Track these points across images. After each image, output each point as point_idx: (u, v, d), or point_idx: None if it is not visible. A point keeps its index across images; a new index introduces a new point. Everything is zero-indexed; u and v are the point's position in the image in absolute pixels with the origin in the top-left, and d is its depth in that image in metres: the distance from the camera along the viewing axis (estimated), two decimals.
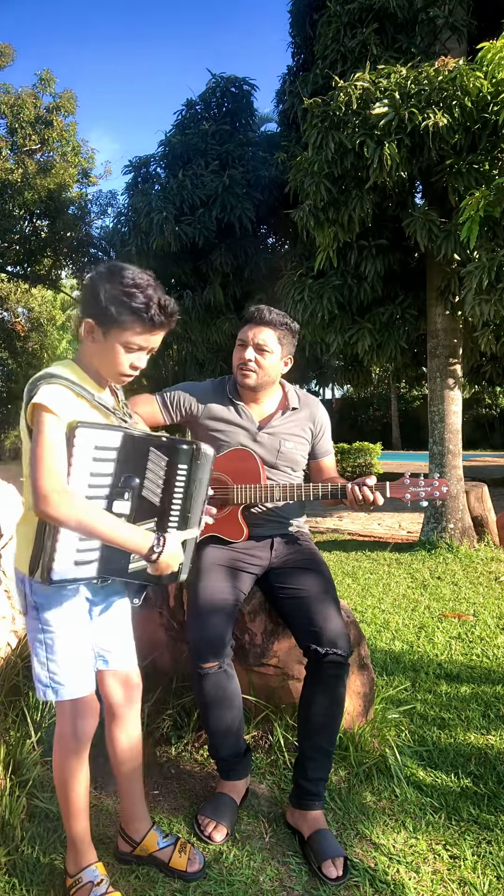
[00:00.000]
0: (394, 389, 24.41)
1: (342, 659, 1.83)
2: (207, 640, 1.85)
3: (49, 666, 1.51)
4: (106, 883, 1.55)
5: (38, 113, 14.01)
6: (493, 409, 23.92)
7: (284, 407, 2.16)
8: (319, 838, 1.75)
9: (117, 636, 1.67)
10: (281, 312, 2.11)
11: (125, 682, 1.66)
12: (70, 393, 1.46)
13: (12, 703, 2.18)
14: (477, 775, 2.16)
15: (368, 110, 4.96)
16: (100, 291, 1.45)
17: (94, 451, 1.45)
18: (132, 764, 1.69)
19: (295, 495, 2.01)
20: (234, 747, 1.93)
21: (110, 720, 1.67)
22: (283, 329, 2.08)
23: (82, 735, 1.54)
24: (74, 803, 1.56)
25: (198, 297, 8.74)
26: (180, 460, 1.50)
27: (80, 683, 1.53)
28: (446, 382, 6.40)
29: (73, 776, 1.55)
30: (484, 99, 4.80)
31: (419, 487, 1.98)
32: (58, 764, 1.56)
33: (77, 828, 1.58)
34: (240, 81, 9.37)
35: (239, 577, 2.02)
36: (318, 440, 2.21)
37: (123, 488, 1.49)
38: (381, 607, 4.31)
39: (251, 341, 2.06)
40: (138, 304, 1.44)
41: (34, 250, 14.31)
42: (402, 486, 1.98)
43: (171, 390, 2.17)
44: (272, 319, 2.06)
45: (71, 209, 14.06)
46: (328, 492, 1.98)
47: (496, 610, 4.17)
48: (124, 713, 1.66)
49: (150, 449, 1.51)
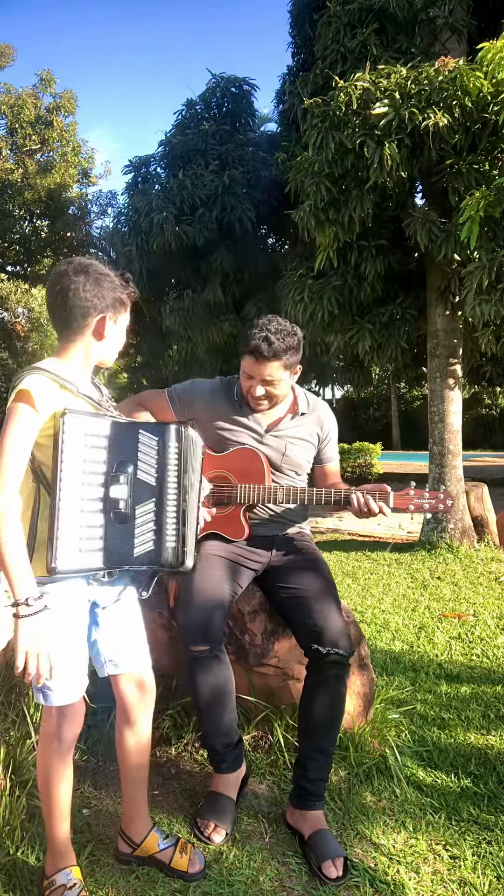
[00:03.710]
0: (394, 389, 24.39)
1: (343, 659, 1.83)
2: (198, 623, 1.84)
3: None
4: (79, 887, 1.54)
5: (39, 113, 14.02)
6: (493, 409, 23.90)
7: (294, 412, 2.14)
8: (319, 838, 1.75)
9: (128, 639, 1.65)
10: (283, 329, 1.97)
11: (139, 685, 1.65)
12: (55, 385, 1.48)
13: (12, 704, 2.18)
14: (477, 775, 2.16)
15: (368, 110, 4.96)
16: (94, 287, 1.55)
17: (85, 437, 1.47)
18: (139, 766, 1.69)
19: (299, 499, 2.00)
20: (226, 737, 1.91)
21: (122, 722, 1.67)
22: (288, 355, 1.96)
23: (66, 738, 1.54)
24: (56, 804, 1.56)
25: (198, 297, 8.72)
26: (170, 438, 1.54)
27: (68, 691, 1.52)
28: (446, 382, 6.39)
29: (55, 776, 1.55)
30: (484, 99, 4.80)
31: (423, 500, 1.98)
32: (41, 764, 1.57)
33: (57, 829, 1.57)
34: (240, 81, 9.37)
35: (237, 571, 2.02)
36: (325, 446, 2.19)
37: (118, 474, 1.51)
38: (381, 607, 4.31)
39: (259, 377, 1.97)
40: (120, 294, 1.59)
41: (34, 250, 14.33)
42: (407, 497, 1.98)
43: (179, 386, 2.17)
44: (276, 351, 1.92)
45: (71, 209, 14.08)
46: (332, 499, 1.97)
47: (496, 610, 4.17)
48: (137, 716, 1.65)
49: (139, 432, 1.55)
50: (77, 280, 1.52)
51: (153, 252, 8.34)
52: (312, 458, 2.18)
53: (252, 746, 2.22)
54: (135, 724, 1.66)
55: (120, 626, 1.64)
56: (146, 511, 1.53)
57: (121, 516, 1.52)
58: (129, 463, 1.53)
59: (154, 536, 1.53)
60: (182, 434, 1.56)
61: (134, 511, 1.53)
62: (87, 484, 1.48)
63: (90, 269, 1.55)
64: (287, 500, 2.01)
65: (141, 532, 1.53)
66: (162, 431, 1.55)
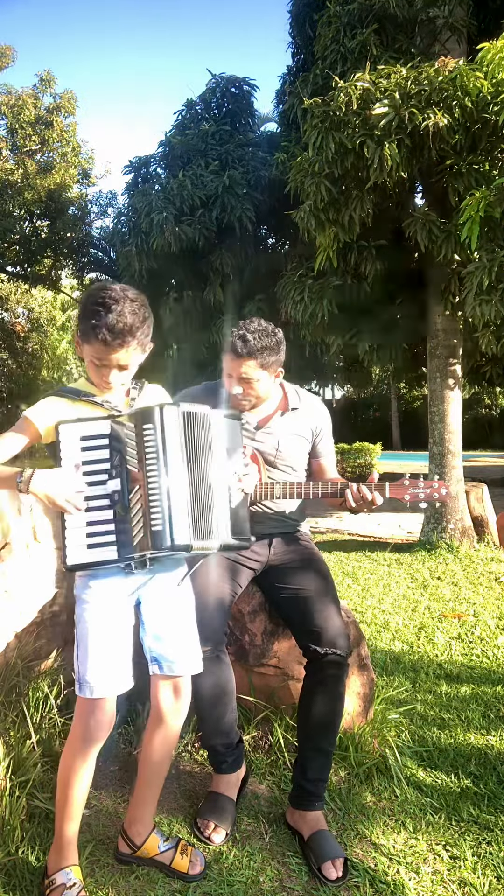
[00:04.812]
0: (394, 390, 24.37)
1: (342, 659, 1.83)
2: (198, 623, 1.84)
3: (78, 660, 1.56)
4: (78, 887, 1.55)
5: (39, 113, 14.00)
6: (493, 409, 23.90)
7: (284, 408, 2.15)
8: (319, 839, 1.75)
9: (172, 637, 1.65)
10: (262, 330, 1.98)
11: (176, 690, 1.66)
12: (63, 401, 1.68)
13: (12, 704, 2.18)
14: (477, 775, 2.16)
15: (368, 110, 4.95)
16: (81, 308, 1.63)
17: (82, 441, 1.60)
18: (159, 770, 1.70)
19: (295, 493, 2.00)
20: (226, 737, 1.91)
21: (154, 723, 1.68)
22: (264, 353, 1.96)
23: (90, 737, 1.55)
24: (70, 800, 1.58)
25: (198, 297, 8.72)
26: (144, 422, 1.58)
27: (103, 685, 1.54)
28: (446, 383, 6.39)
29: (74, 775, 1.57)
30: (484, 99, 4.79)
31: (419, 489, 1.98)
32: (64, 758, 1.59)
33: (65, 825, 1.59)
34: (240, 81, 9.37)
35: (236, 570, 2.02)
36: (319, 440, 2.20)
37: (115, 468, 1.60)
38: (381, 608, 4.31)
39: (235, 375, 2.00)
40: (91, 323, 1.55)
41: (34, 251, 14.30)
42: (402, 487, 1.98)
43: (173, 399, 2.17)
44: (250, 350, 1.94)
45: (71, 209, 14.05)
46: (328, 490, 1.98)
47: (496, 610, 4.17)
48: (169, 721, 1.66)
49: (124, 423, 1.61)
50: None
51: (153, 252, 8.34)
52: (308, 453, 2.19)
53: (252, 746, 2.22)
54: (165, 728, 1.67)
55: (163, 621, 1.65)
56: (136, 499, 1.57)
57: (122, 508, 1.58)
58: (122, 456, 1.59)
59: (143, 523, 1.55)
60: (157, 415, 1.57)
61: (129, 501, 1.57)
62: (92, 483, 1.58)
63: (90, 295, 1.61)
64: (283, 495, 2.01)
65: (135, 519, 1.57)
66: (135, 418, 1.60)
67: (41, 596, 2.15)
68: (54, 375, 23.39)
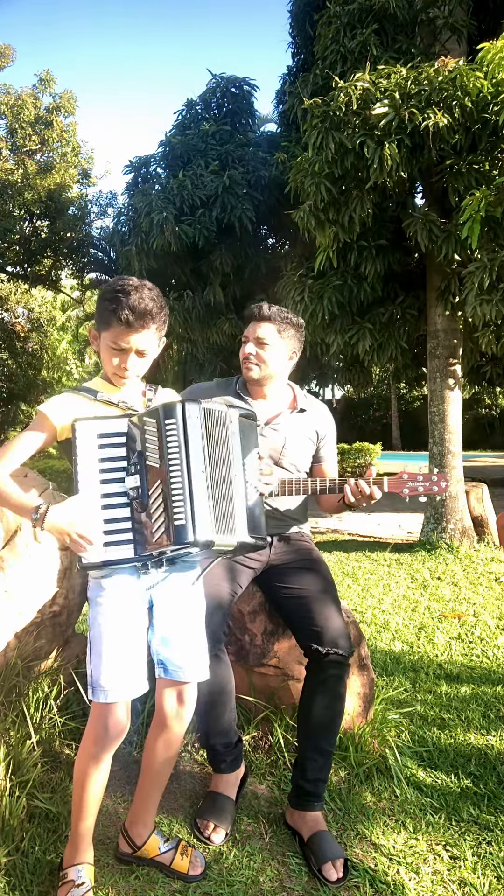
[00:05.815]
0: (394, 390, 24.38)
1: (343, 659, 1.83)
2: None
3: (92, 664, 1.56)
4: (86, 887, 1.54)
5: (38, 113, 13.98)
6: (493, 409, 23.88)
7: (293, 407, 2.19)
8: (319, 840, 1.75)
9: (179, 642, 1.64)
10: (283, 309, 2.14)
11: (180, 696, 1.64)
12: (77, 397, 1.70)
13: (12, 704, 2.18)
14: (477, 775, 2.16)
15: (368, 111, 4.96)
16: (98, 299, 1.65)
17: (99, 439, 1.61)
18: (161, 772, 1.70)
19: (294, 489, 2.01)
20: (225, 737, 1.92)
21: (157, 727, 1.67)
22: (282, 323, 2.10)
23: (104, 742, 1.55)
24: (85, 800, 1.58)
25: (198, 297, 8.72)
26: (166, 417, 1.57)
27: (116, 689, 1.53)
28: (446, 383, 6.39)
29: (87, 778, 1.57)
30: (484, 99, 4.80)
31: (417, 482, 1.98)
32: (79, 759, 1.59)
33: (81, 822, 1.60)
34: (240, 81, 9.36)
35: (236, 571, 2.02)
36: (322, 444, 2.22)
37: (133, 464, 1.60)
38: (381, 608, 4.31)
39: (252, 337, 2.10)
40: (112, 307, 1.60)
41: (34, 251, 14.30)
42: (401, 482, 1.99)
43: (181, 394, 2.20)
44: (270, 314, 2.09)
45: (71, 209, 14.04)
46: (326, 486, 1.99)
47: (496, 610, 4.17)
48: (172, 726, 1.65)
49: (144, 420, 1.61)
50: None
51: (153, 252, 8.34)
52: (311, 456, 2.20)
53: (252, 746, 2.22)
54: (168, 732, 1.66)
55: (173, 625, 1.64)
56: (156, 494, 1.55)
57: (140, 505, 1.57)
58: (142, 452, 1.59)
59: (164, 518, 1.53)
60: (178, 410, 1.56)
61: (148, 498, 1.56)
62: (108, 481, 1.59)
63: (107, 285, 1.66)
64: (283, 492, 2.01)
65: (155, 515, 1.55)
66: (156, 413, 1.59)
67: (41, 596, 2.15)
68: (54, 375, 23.35)
